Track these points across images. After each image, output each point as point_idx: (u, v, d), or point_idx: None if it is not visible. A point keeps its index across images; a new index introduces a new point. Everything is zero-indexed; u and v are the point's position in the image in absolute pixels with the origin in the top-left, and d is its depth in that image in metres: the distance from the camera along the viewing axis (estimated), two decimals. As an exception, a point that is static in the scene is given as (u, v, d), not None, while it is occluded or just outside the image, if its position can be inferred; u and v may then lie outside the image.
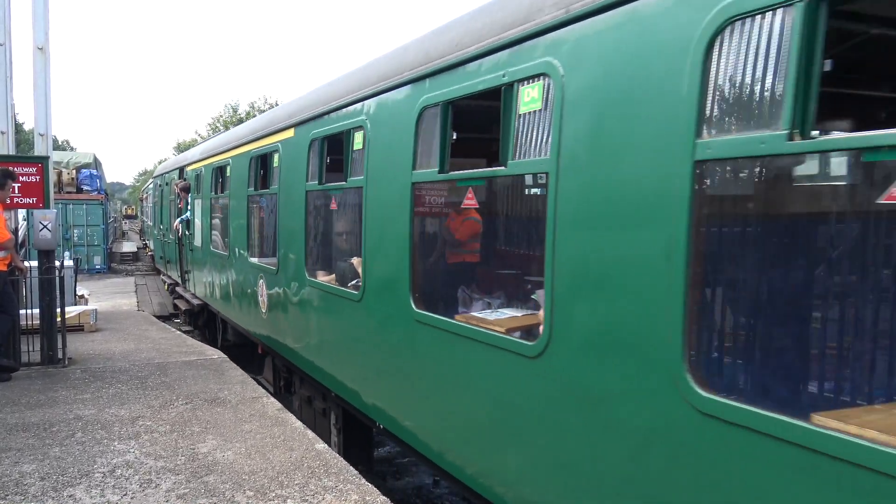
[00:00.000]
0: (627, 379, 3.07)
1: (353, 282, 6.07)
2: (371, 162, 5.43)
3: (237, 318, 10.32)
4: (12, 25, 9.17)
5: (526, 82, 3.70)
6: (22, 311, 8.75)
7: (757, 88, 2.60)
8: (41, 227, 8.72)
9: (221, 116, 53.83)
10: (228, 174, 10.65)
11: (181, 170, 15.71)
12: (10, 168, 8.16)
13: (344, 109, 6.10)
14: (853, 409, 2.83)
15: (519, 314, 4.31)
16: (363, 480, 5.12)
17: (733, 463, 2.63)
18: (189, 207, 14.13)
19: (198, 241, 13.10)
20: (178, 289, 16.70)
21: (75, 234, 25.80)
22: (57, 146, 50.32)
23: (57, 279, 8.80)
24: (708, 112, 2.73)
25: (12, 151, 9.20)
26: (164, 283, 20.14)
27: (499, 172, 4.03)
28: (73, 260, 14.83)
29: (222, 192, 11.13)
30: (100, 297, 17.16)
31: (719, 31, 2.64)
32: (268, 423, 6.42)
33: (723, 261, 3.20)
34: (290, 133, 7.56)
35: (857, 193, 3.46)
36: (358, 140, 5.72)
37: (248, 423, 6.42)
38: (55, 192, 11.00)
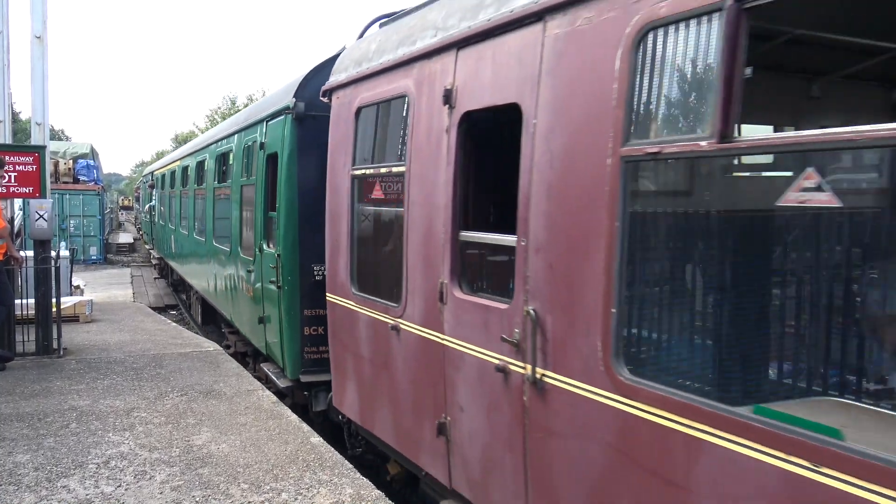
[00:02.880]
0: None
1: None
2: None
3: (169, 261, 19.55)
4: (10, 14, 9.13)
5: (257, 141, 8.28)
6: (17, 301, 8.73)
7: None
8: (37, 216, 8.69)
9: (220, 108, 53.69)
10: (165, 179, 19.85)
11: (152, 173, 25.69)
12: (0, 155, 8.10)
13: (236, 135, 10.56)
14: None
15: None
16: (358, 474, 5.12)
17: None
18: (154, 197, 24.23)
19: (157, 218, 22.84)
20: (151, 251, 26.80)
21: (72, 225, 25.76)
22: (53, 136, 49.94)
23: (53, 269, 8.79)
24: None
25: (9, 140, 9.16)
26: (146, 248, 30.66)
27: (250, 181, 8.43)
28: (69, 250, 14.78)
29: (162, 188, 20.96)
30: (95, 287, 17.10)
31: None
32: (263, 416, 6.42)
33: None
34: (178, 163, 16.79)
35: None
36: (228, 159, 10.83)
37: (244, 416, 6.42)
38: (52, 182, 10.94)
